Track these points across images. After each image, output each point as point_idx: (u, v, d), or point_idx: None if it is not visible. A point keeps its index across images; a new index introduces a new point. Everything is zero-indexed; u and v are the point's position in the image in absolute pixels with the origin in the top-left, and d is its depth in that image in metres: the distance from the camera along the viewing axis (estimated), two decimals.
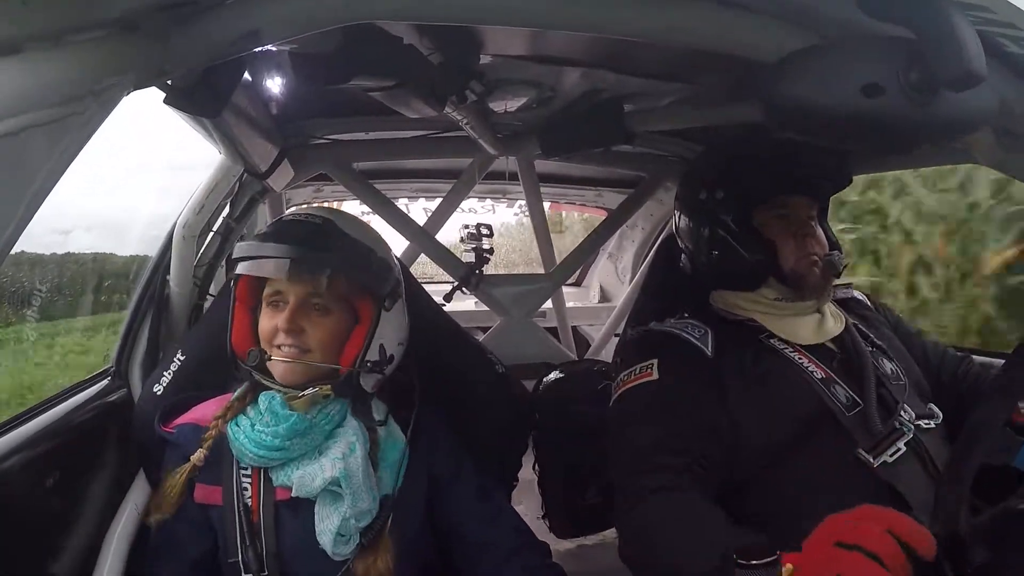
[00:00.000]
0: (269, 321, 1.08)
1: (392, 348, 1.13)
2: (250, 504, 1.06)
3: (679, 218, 1.42)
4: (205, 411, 1.13)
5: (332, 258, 1.08)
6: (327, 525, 1.03)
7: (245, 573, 1.03)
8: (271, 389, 1.08)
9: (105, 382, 1.36)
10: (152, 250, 1.50)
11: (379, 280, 1.10)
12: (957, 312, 3.57)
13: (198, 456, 1.06)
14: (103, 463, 1.23)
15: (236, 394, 1.12)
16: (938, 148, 1.33)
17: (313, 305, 1.08)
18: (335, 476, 1.03)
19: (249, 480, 1.07)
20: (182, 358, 1.27)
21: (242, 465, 1.08)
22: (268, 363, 1.07)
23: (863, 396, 1.15)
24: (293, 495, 1.04)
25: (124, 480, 1.26)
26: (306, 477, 1.03)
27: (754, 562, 0.82)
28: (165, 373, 1.25)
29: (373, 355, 1.09)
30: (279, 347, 1.07)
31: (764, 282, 1.26)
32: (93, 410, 1.23)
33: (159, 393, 1.24)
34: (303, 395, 1.05)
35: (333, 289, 1.08)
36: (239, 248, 1.10)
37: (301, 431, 1.04)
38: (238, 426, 1.07)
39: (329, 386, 1.06)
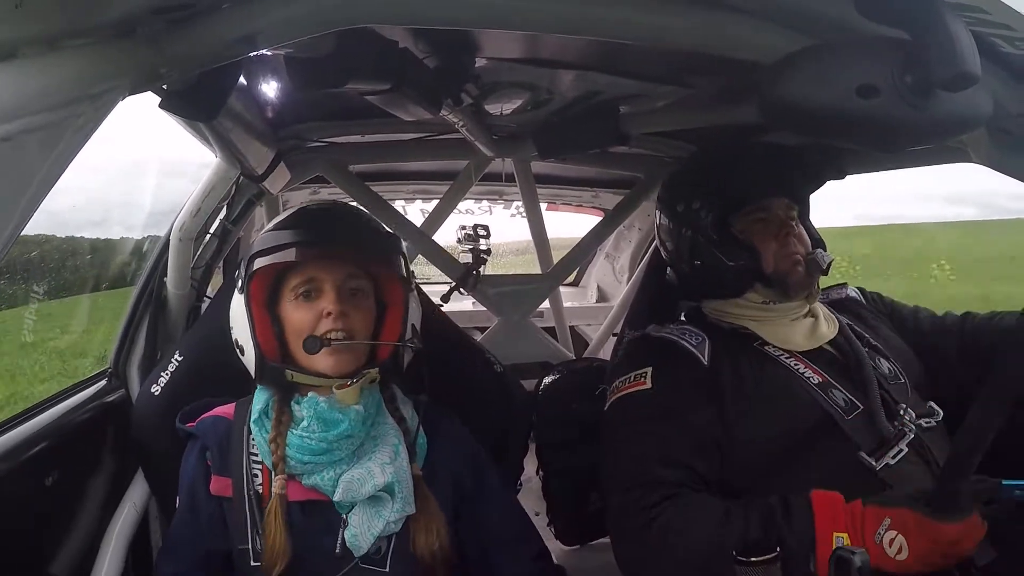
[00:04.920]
0: (306, 313, 1.03)
1: (417, 328, 1.13)
2: (261, 491, 1.02)
3: (659, 232, 1.42)
4: (226, 409, 1.10)
5: (393, 238, 1.11)
6: (369, 529, 0.99)
7: (255, 561, 0.99)
8: (308, 388, 1.04)
9: (103, 383, 1.36)
10: None
11: (408, 261, 1.13)
12: None
13: (280, 485, 0.99)
14: (101, 463, 1.24)
15: (264, 403, 1.06)
16: (934, 148, 1.33)
17: (349, 290, 1.05)
18: (388, 482, 1.00)
19: (260, 469, 1.04)
20: (180, 359, 1.27)
21: (255, 460, 1.04)
22: (318, 355, 1.00)
23: (864, 399, 1.15)
24: (336, 499, 0.99)
25: (122, 480, 1.27)
26: (354, 483, 0.99)
27: (753, 559, 0.82)
28: (163, 374, 1.26)
29: (407, 334, 1.09)
30: (323, 337, 1.01)
31: (749, 287, 1.26)
32: (91, 410, 1.24)
33: (156, 394, 1.24)
34: (353, 383, 1.01)
35: (367, 272, 1.08)
36: (265, 239, 1.05)
37: (350, 434, 1.01)
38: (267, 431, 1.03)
39: (377, 369, 1.04)
